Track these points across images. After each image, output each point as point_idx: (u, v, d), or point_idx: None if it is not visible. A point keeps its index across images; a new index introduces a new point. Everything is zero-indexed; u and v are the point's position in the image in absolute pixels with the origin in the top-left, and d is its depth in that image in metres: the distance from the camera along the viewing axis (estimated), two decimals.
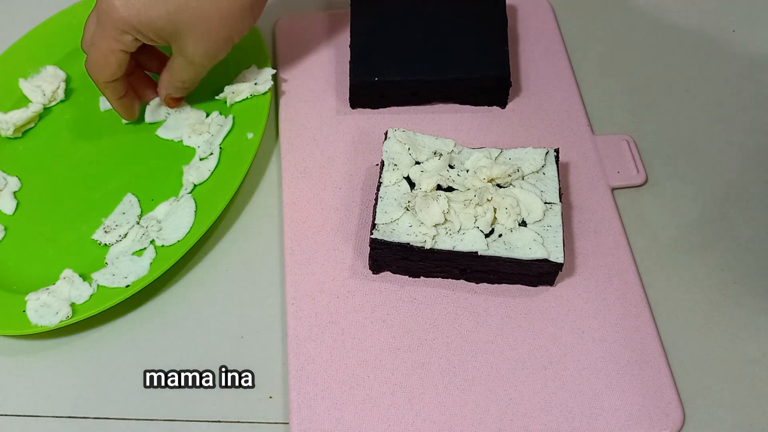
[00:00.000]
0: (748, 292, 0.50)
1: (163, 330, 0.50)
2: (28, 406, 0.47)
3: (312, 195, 0.53)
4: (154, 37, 0.48)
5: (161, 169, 0.56)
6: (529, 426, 0.44)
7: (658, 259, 0.51)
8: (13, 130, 0.58)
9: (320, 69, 0.60)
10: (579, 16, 0.64)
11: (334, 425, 0.44)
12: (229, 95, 0.56)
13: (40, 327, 0.47)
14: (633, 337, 0.47)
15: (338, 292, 0.49)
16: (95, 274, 0.50)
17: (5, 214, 0.55)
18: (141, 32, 0.48)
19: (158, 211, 0.52)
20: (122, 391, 0.47)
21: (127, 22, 0.47)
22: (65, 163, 0.58)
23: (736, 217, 0.53)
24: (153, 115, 0.58)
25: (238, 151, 0.54)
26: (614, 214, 0.52)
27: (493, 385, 0.45)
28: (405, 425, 0.44)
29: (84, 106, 0.61)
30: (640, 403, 0.45)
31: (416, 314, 0.48)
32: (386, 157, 0.49)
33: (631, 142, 0.55)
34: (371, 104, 0.57)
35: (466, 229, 0.46)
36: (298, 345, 0.47)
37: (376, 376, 0.46)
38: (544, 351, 0.46)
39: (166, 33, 0.48)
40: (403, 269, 0.49)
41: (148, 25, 0.47)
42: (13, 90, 0.60)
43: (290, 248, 0.51)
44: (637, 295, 0.48)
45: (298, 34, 0.62)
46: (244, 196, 0.56)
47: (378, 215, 0.46)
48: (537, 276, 0.48)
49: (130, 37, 0.49)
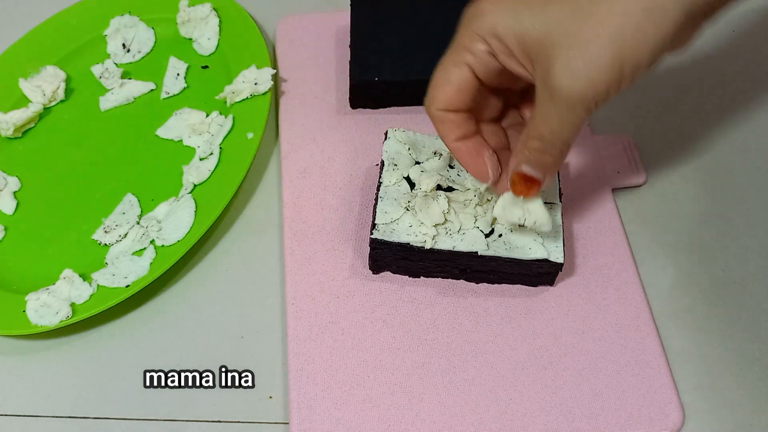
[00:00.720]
0: (748, 292, 0.50)
1: (163, 330, 0.50)
2: (28, 406, 0.47)
3: (312, 195, 0.53)
4: (516, 50, 0.37)
5: (161, 169, 0.56)
6: (529, 426, 0.44)
7: (658, 259, 0.51)
8: (13, 130, 0.58)
9: (320, 69, 0.60)
10: None
11: (334, 425, 0.44)
12: (229, 95, 0.56)
13: (40, 327, 0.47)
14: (633, 337, 0.47)
15: (338, 292, 0.49)
16: (95, 274, 0.50)
17: (5, 214, 0.55)
18: (502, 41, 0.37)
19: (158, 211, 0.52)
20: (122, 391, 0.47)
21: (492, 25, 0.37)
22: (65, 163, 0.58)
23: (736, 217, 0.53)
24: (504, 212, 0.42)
25: (238, 151, 0.54)
26: (614, 214, 0.52)
27: (493, 385, 0.45)
28: (405, 425, 0.44)
29: (84, 106, 0.61)
30: (640, 403, 0.45)
31: (416, 314, 0.48)
32: (386, 157, 0.49)
33: (631, 142, 0.55)
34: (371, 104, 0.58)
35: (466, 229, 0.46)
36: (298, 345, 0.47)
37: (376, 376, 0.46)
38: (544, 351, 0.46)
39: (532, 43, 0.36)
40: (403, 269, 0.49)
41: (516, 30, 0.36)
42: (13, 90, 0.60)
43: (290, 248, 0.51)
44: (637, 295, 0.48)
45: (298, 34, 0.62)
46: (244, 196, 0.56)
47: (378, 215, 0.46)
48: (537, 276, 0.48)
49: (483, 48, 0.38)
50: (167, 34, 0.63)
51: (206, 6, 0.62)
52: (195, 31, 0.62)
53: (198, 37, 0.62)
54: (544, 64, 0.36)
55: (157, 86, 0.61)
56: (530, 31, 0.36)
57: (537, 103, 0.38)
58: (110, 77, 0.61)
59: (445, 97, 0.39)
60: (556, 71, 0.35)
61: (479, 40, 0.38)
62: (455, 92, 0.39)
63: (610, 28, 0.34)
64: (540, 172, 0.39)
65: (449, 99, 0.39)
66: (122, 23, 0.63)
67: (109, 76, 0.61)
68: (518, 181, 0.40)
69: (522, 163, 0.39)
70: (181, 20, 0.62)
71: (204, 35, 0.62)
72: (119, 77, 0.61)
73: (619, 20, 0.34)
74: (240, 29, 0.61)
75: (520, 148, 0.39)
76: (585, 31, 0.35)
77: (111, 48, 0.63)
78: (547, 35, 0.36)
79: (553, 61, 0.35)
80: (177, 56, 0.62)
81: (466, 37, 0.38)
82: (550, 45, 0.36)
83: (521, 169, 0.40)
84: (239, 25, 0.61)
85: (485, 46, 0.38)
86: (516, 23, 0.36)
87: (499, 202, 0.42)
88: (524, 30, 0.36)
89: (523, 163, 0.39)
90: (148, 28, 0.63)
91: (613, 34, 0.34)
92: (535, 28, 0.36)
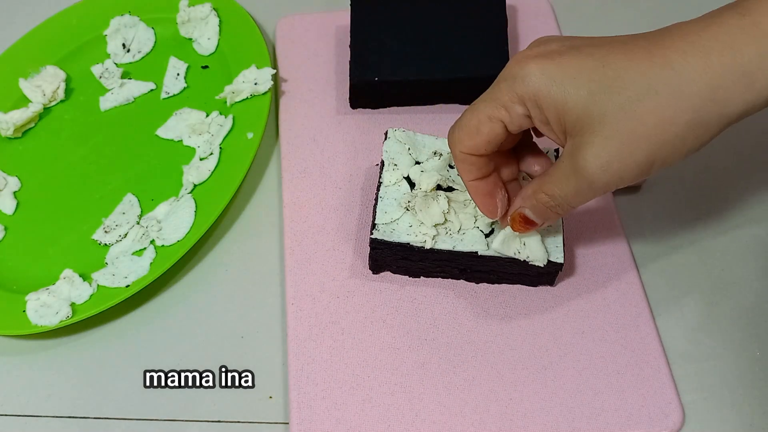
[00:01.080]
0: (748, 292, 0.50)
1: (163, 330, 0.50)
2: (28, 406, 0.47)
3: (312, 195, 0.53)
4: (553, 120, 0.37)
5: (161, 169, 0.56)
6: (529, 426, 0.44)
7: (658, 259, 0.51)
8: (13, 130, 0.58)
9: (320, 69, 0.60)
10: (579, 16, 0.64)
11: (334, 425, 0.44)
12: (229, 95, 0.56)
13: (40, 327, 0.47)
14: (633, 337, 0.47)
15: (338, 292, 0.49)
16: (95, 274, 0.50)
17: (5, 214, 0.55)
18: (540, 108, 0.37)
19: (158, 211, 0.52)
20: (122, 391, 0.47)
21: (534, 90, 0.36)
22: (65, 163, 0.58)
23: (736, 218, 0.53)
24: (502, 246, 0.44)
25: (238, 151, 0.54)
26: (614, 214, 0.52)
27: (493, 385, 0.45)
28: (405, 425, 0.44)
29: (84, 106, 0.61)
30: (640, 403, 0.45)
31: (416, 314, 0.48)
32: (386, 157, 0.49)
33: None
34: (371, 104, 0.57)
35: (466, 229, 0.46)
36: (298, 345, 0.47)
37: (376, 376, 0.46)
38: (544, 351, 0.46)
39: (571, 120, 0.36)
40: (403, 269, 0.49)
41: (557, 101, 0.36)
42: (13, 90, 0.60)
43: (290, 248, 0.51)
44: (637, 295, 0.48)
45: (298, 34, 0.62)
46: (244, 196, 0.56)
47: (378, 215, 0.46)
48: (537, 276, 0.48)
49: (521, 110, 0.37)
50: (167, 34, 0.63)
51: (206, 6, 0.62)
52: (195, 31, 0.62)
53: (198, 37, 0.62)
54: (577, 142, 0.36)
55: (157, 86, 0.61)
56: (571, 107, 0.36)
57: (558, 166, 0.38)
58: (110, 77, 0.61)
59: (473, 143, 0.39)
60: (587, 155, 0.36)
61: (519, 102, 0.37)
62: (484, 142, 0.39)
63: (651, 134, 0.35)
64: (540, 220, 0.41)
65: (476, 146, 0.39)
66: (122, 23, 0.63)
67: (109, 76, 0.61)
68: (518, 220, 0.42)
69: (526, 208, 0.41)
70: (181, 20, 0.62)
71: (204, 35, 0.62)
72: (119, 77, 0.61)
73: (663, 129, 0.35)
74: (240, 29, 0.61)
75: (528, 194, 0.40)
76: (626, 127, 0.35)
77: (111, 48, 0.63)
78: (587, 115, 0.35)
79: (587, 144, 0.36)
80: (177, 56, 0.62)
81: (507, 96, 0.37)
82: (588, 126, 0.35)
83: (524, 212, 0.41)
84: (239, 25, 0.61)
85: (524, 109, 0.37)
86: (558, 95, 0.36)
87: (500, 236, 0.44)
88: (566, 105, 0.36)
89: (528, 208, 0.41)
90: (148, 28, 0.63)
91: (653, 139, 0.35)
92: (576, 106, 0.35)
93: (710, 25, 0.35)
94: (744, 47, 0.33)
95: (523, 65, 0.37)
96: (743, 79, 0.34)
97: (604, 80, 0.35)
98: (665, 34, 0.35)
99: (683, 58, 0.34)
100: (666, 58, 0.34)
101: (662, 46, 0.35)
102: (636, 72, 0.35)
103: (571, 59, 0.36)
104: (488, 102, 0.38)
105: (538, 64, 0.36)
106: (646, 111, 0.34)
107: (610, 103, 0.35)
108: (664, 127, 0.34)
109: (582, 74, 0.35)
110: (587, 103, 0.35)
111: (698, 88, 0.34)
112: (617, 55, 0.35)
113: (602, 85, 0.35)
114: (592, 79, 0.35)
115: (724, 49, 0.34)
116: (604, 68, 0.35)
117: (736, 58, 0.34)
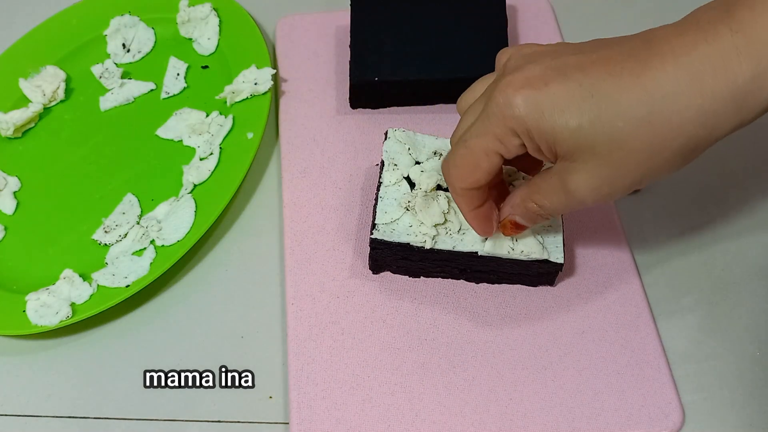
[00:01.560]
0: (748, 292, 0.50)
1: (163, 330, 0.50)
2: (28, 406, 0.47)
3: (312, 195, 0.53)
4: (544, 148, 0.37)
5: (161, 169, 0.56)
6: (529, 426, 0.44)
7: (658, 259, 0.51)
8: (13, 130, 0.58)
9: (320, 69, 0.60)
10: (579, 16, 0.64)
11: (334, 425, 0.44)
12: (229, 95, 0.56)
13: (40, 327, 0.47)
14: (633, 337, 0.47)
15: (338, 292, 0.49)
16: (95, 274, 0.50)
17: (5, 214, 0.55)
18: (533, 140, 0.37)
19: (158, 211, 0.52)
20: (122, 391, 0.47)
21: (524, 124, 0.36)
22: (65, 163, 0.58)
23: (736, 217, 0.53)
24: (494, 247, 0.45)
25: (238, 151, 0.54)
26: (614, 214, 0.52)
27: (493, 385, 0.45)
28: (405, 425, 0.44)
29: (84, 106, 0.61)
30: (640, 403, 0.45)
31: (416, 314, 0.48)
32: (386, 157, 0.49)
33: None
34: (371, 104, 0.57)
35: (466, 229, 0.46)
36: (298, 345, 0.47)
37: (376, 376, 0.46)
38: (544, 351, 0.46)
39: (563, 149, 0.36)
40: (403, 269, 0.49)
41: (547, 133, 0.36)
42: (13, 90, 0.60)
43: (290, 248, 0.51)
44: (637, 295, 0.48)
45: (298, 34, 0.62)
46: (244, 196, 0.56)
47: (378, 215, 0.46)
48: (537, 276, 0.48)
49: (517, 142, 0.37)
50: (167, 34, 0.63)
51: (206, 6, 0.62)
52: (195, 31, 0.62)
53: (198, 37, 0.62)
54: (568, 165, 0.37)
55: (157, 86, 0.61)
56: (561, 139, 0.35)
57: (547, 180, 0.39)
58: (110, 77, 0.61)
59: (474, 179, 0.39)
60: (578, 180, 0.37)
61: (512, 134, 0.37)
62: (485, 175, 0.39)
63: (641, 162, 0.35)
64: (530, 224, 0.42)
65: (477, 180, 0.39)
66: (122, 23, 0.63)
67: (109, 76, 0.61)
68: (509, 226, 0.43)
69: (517, 215, 0.42)
70: (181, 20, 0.62)
71: (204, 35, 0.62)
72: (119, 77, 0.61)
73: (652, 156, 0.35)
74: (240, 29, 0.61)
75: (518, 203, 0.41)
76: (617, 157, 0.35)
77: (111, 48, 0.63)
78: (577, 146, 0.35)
79: (578, 170, 0.36)
80: (177, 56, 0.62)
81: (500, 129, 0.37)
82: (578, 154, 0.36)
83: (514, 218, 0.42)
84: (239, 25, 0.61)
85: (519, 141, 0.37)
86: (548, 128, 0.35)
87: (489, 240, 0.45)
88: (555, 137, 0.36)
89: (518, 215, 0.42)
90: (148, 28, 0.63)
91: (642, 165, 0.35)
92: (567, 138, 0.35)
93: (700, 42, 0.33)
94: (737, 69, 0.33)
95: (511, 99, 0.36)
96: (735, 102, 0.33)
97: (594, 111, 0.34)
98: (653, 48, 0.34)
99: (675, 85, 0.33)
100: (657, 84, 0.34)
101: (652, 67, 0.34)
102: (627, 103, 0.34)
103: (559, 88, 0.35)
104: (482, 137, 0.38)
105: (525, 96, 0.36)
106: (637, 142, 0.34)
107: (601, 134, 0.35)
108: (654, 155, 0.35)
109: (571, 106, 0.35)
110: (578, 135, 0.35)
111: (690, 115, 0.33)
112: (606, 82, 0.34)
113: (592, 116, 0.34)
114: (582, 110, 0.35)
115: (717, 72, 0.33)
116: (593, 98, 0.34)
117: (729, 83, 0.33)
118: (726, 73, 0.33)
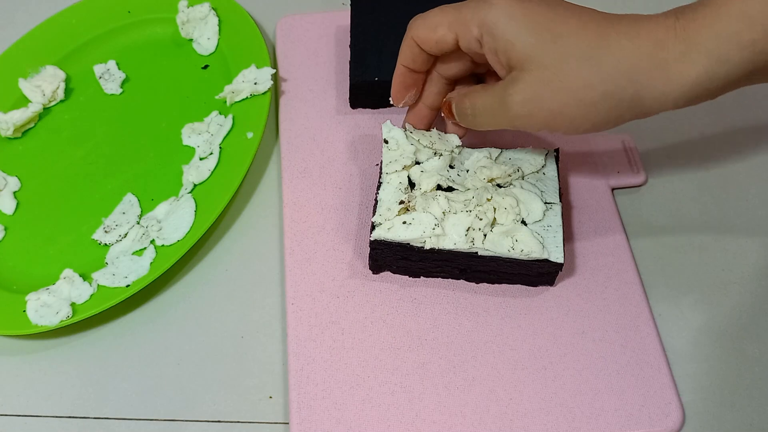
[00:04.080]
0: (748, 292, 0.50)
1: (163, 330, 0.50)
2: (28, 406, 0.47)
3: (312, 195, 0.53)
4: (500, 51, 0.41)
5: (161, 168, 0.56)
6: (529, 426, 0.44)
7: (658, 259, 0.51)
8: (13, 130, 0.58)
9: (320, 69, 0.60)
10: None
11: (334, 425, 0.44)
12: (228, 95, 0.56)
13: (40, 327, 0.47)
14: (633, 337, 0.47)
15: (338, 292, 0.49)
16: (95, 273, 0.50)
17: (5, 214, 0.55)
18: (493, 38, 0.40)
19: (158, 210, 0.52)
20: (122, 391, 0.47)
21: (493, 21, 0.40)
22: (65, 163, 0.58)
23: (736, 217, 0.53)
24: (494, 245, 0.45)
25: (238, 150, 0.54)
26: (614, 214, 0.52)
27: (493, 385, 0.45)
28: (405, 425, 0.44)
29: (84, 106, 0.61)
30: (640, 403, 0.45)
31: (416, 314, 0.48)
32: (386, 157, 0.49)
33: (631, 142, 0.55)
34: (371, 104, 0.58)
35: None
36: (298, 345, 0.47)
37: (376, 376, 0.46)
38: (544, 351, 0.46)
39: (514, 57, 0.40)
40: (403, 269, 0.49)
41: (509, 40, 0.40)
42: (13, 90, 0.60)
43: (290, 248, 0.51)
44: (637, 295, 0.48)
45: (298, 34, 0.62)
46: (244, 196, 0.56)
47: (378, 215, 0.46)
48: (537, 276, 0.48)
49: (476, 33, 0.41)
50: (167, 34, 0.63)
51: (205, 6, 0.62)
52: (195, 31, 0.62)
53: (198, 37, 0.62)
54: (513, 76, 0.41)
55: (157, 86, 0.61)
56: (518, 47, 0.40)
57: (492, 86, 0.43)
58: (110, 77, 0.61)
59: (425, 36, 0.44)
60: (515, 89, 0.40)
61: (477, 25, 0.41)
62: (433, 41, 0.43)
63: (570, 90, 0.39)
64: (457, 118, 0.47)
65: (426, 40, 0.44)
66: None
67: (109, 77, 0.61)
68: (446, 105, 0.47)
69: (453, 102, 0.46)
70: (181, 21, 0.62)
71: (204, 35, 0.62)
72: (119, 77, 0.61)
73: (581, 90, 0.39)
74: (240, 29, 0.61)
75: (457, 95, 0.46)
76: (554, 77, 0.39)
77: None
78: (528, 58, 0.40)
79: (519, 80, 0.40)
80: (177, 56, 0.62)
81: (470, 16, 0.41)
82: (526, 66, 0.40)
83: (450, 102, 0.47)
84: (239, 25, 0.61)
85: (478, 33, 0.41)
86: (511, 33, 0.40)
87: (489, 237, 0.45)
88: (515, 44, 0.40)
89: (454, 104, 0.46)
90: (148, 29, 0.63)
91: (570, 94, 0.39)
92: (523, 47, 0.40)
93: (651, 20, 0.39)
94: (669, 43, 0.37)
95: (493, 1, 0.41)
96: (661, 68, 0.37)
97: (554, 35, 0.39)
98: (623, 19, 0.40)
99: (618, 40, 0.38)
100: (607, 36, 0.39)
101: (610, 27, 0.39)
102: (581, 39, 0.39)
103: (537, 8, 0.40)
104: (454, 13, 0.42)
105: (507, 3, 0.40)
106: (574, 70, 0.39)
107: (551, 54, 0.39)
108: (582, 89, 0.39)
109: (539, 24, 0.40)
110: (532, 48, 0.39)
111: (621, 66, 0.38)
112: (575, 20, 0.40)
113: (551, 36, 0.39)
114: (546, 29, 0.39)
115: (652, 40, 0.38)
116: (558, 26, 0.39)
117: (658, 50, 0.37)
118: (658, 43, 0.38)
